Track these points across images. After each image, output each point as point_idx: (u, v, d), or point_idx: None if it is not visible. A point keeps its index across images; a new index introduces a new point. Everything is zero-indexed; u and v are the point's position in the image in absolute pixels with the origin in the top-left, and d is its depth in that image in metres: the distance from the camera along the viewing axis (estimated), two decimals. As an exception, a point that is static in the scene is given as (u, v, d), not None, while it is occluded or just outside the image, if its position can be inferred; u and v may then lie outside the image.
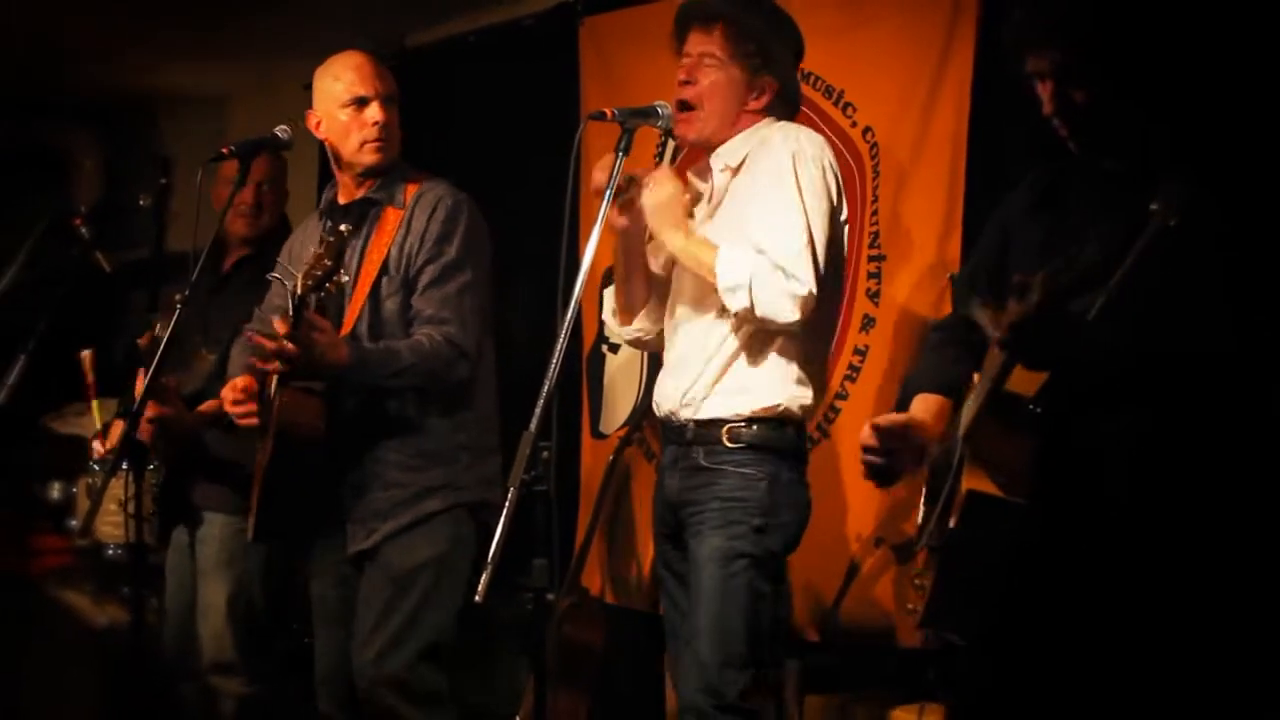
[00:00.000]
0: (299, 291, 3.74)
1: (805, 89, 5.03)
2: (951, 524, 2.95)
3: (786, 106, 3.96)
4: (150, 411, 4.54)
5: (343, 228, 3.85)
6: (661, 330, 4.06)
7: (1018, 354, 2.80)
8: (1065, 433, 2.84)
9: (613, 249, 4.07)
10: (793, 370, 3.81)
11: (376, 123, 4.13)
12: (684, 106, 3.84)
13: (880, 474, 3.22)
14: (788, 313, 3.63)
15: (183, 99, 8.57)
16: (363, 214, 4.18)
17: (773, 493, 3.77)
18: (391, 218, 4.14)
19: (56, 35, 7.27)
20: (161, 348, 4.05)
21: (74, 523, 5.90)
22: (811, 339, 3.84)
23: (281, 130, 4.29)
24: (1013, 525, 2.84)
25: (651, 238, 3.96)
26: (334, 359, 3.84)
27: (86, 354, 5.98)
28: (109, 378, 5.91)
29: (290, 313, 3.78)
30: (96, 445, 5.75)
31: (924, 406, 3.25)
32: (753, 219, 3.73)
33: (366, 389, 4.01)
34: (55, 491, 6.24)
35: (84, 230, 5.29)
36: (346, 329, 4.04)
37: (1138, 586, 2.85)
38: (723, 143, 3.90)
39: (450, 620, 4.13)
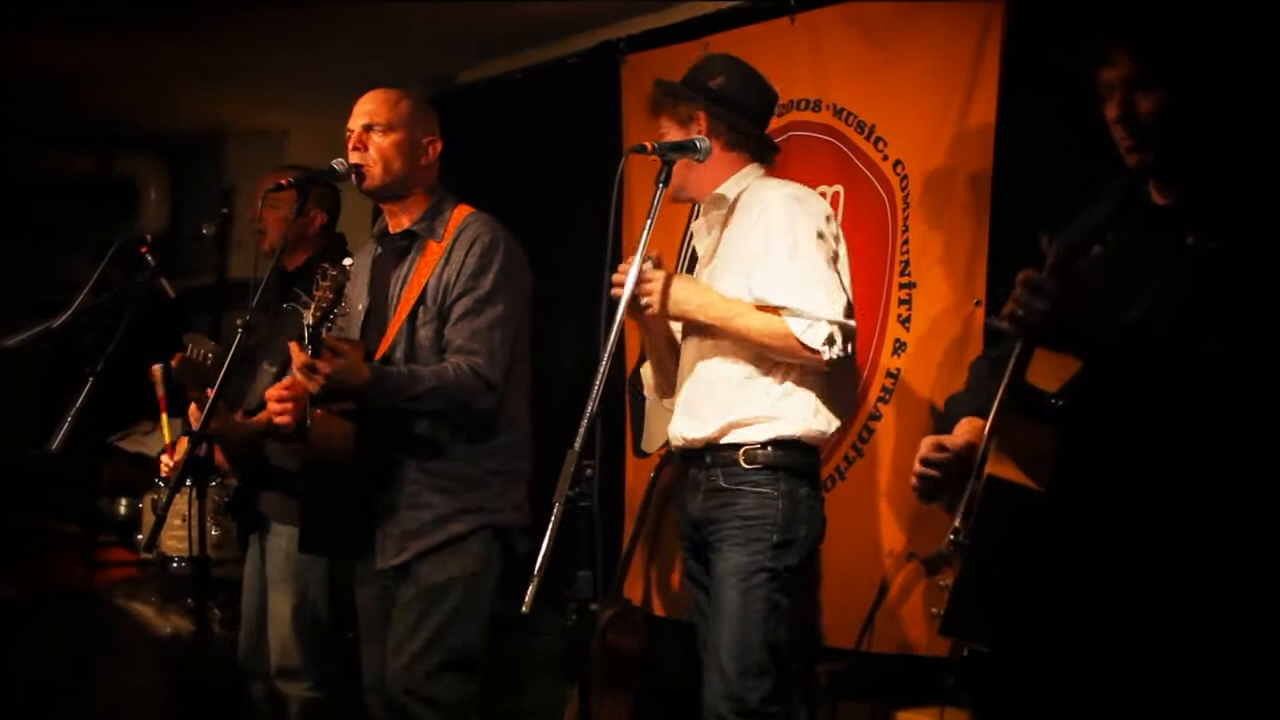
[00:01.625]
0: (310, 322, 3.88)
1: (838, 124, 5.22)
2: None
3: (757, 146, 4.14)
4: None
5: (346, 262, 3.97)
6: None
7: (1033, 326, 2.83)
8: (1086, 427, 2.88)
9: (641, 340, 4.21)
10: (810, 401, 3.96)
11: (354, 148, 4.23)
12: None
13: (930, 489, 3.22)
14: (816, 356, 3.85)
15: (245, 132, 8.68)
16: (408, 244, 4.28)
17: (789, 509, 3.92)
18: (433, 250, 4.21)
19: (128, 71, 7.41)
20: (225, 368, 4.11)
21: (140, 537, 5.99)
22: (834, 372, 4.00)
23: (338, 163, 4.31)
24: (1033, 515, 2.87)
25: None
26: (355, 380, 3.94)
27: (157, 369, 6.03)
28: (176, 396, 6.07)
29: (305, 341, 3.90)
30: (165, 459, 5.87)
31: (968, 429, 3.26)
32: (755, 277, 3.90)
33: (395, 411, 4.09)
34: (122, 507, 6.27)
35: (150, 257, 5.33)
36: (381, 353, 4.14)
37: (1155, 584, 2.87)
38: (715, 188, 4.09)
39: (478, 635, 4.20)
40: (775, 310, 3.87)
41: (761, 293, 3.89)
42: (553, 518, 3.26)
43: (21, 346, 5.35)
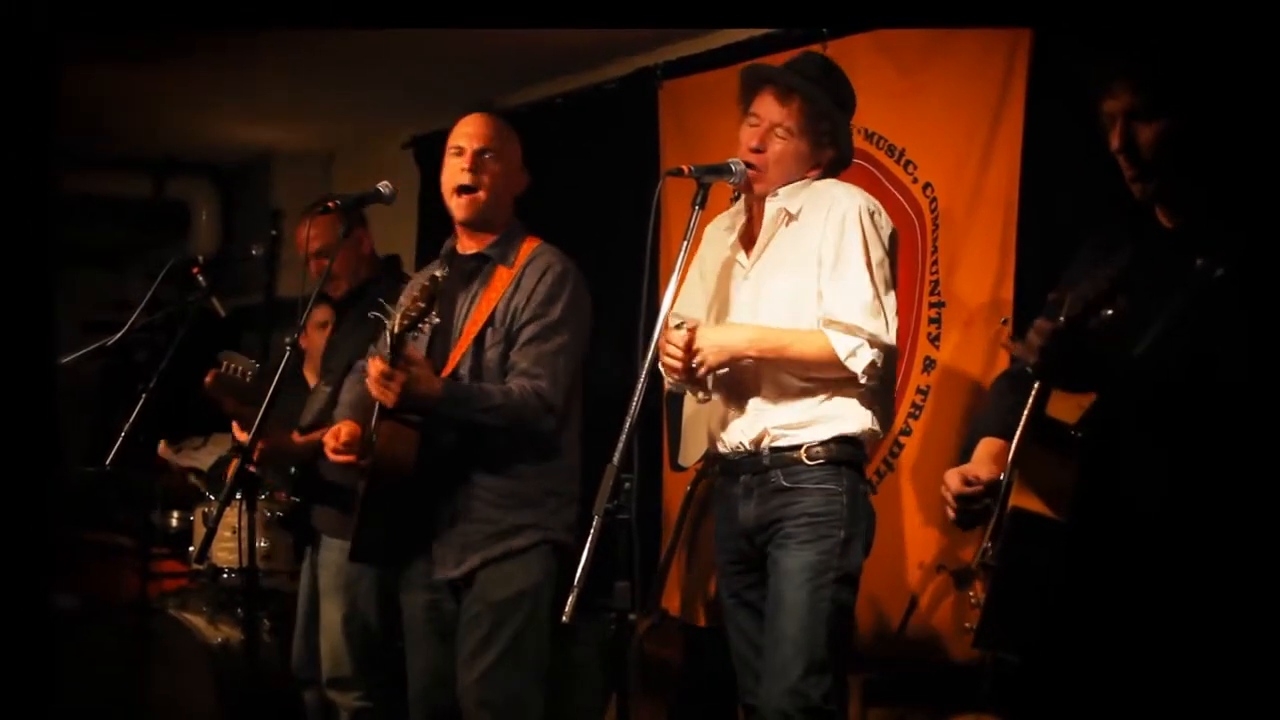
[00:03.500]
0: (395, 330, 3.87)
1: (869, 148, 5.28)
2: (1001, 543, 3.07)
3: (837, 167, 4.07)
4: (257, 451, 4.64)
5: (438, 274, 3.96)
6: None
7: (1048, 372, 2.91)
8: (1106, 457, 2.93)
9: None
10: (863, 403, 3.92)
11: (463, 169, 4.19)
12: (749, 165, 3.92)
13: (967, 519, 3.27)
14: (875, 376, 3.84)
15: (293, 156, 8.79)
16: (478, 267, 4.27)
17: (852, 505, 3.88)
18: (502, 275, 4.21)
19: (180, 98, 7.55)
20: (274, 385, 4.16)
21: (191, 549, 6.07)
22: (881, 385, 3.98)
23: (384, 186, 4.34)
24: (1057, 543, 2.93)
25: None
26: (428, 390, 3.95)
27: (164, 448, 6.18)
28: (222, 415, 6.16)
29: (388, 350, 3.90)
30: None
31: (989, 450, 3.31)
32: (840, 302, 3.84)
33: (461, 426, 4.10)
34: (174, 520, 6.33)
35: (201, 277, 5.44)
36: (447, 371, 4.14)
37: (1175, 607, 2.91)
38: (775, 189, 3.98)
39: (546, 646, 4.21)
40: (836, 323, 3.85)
41: (830, 307, 3.85)
42: (592, 530, 3.29)
43: (77, 364, 5.39)
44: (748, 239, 4.09)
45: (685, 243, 3.73)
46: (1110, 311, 2.75)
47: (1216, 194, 3.07)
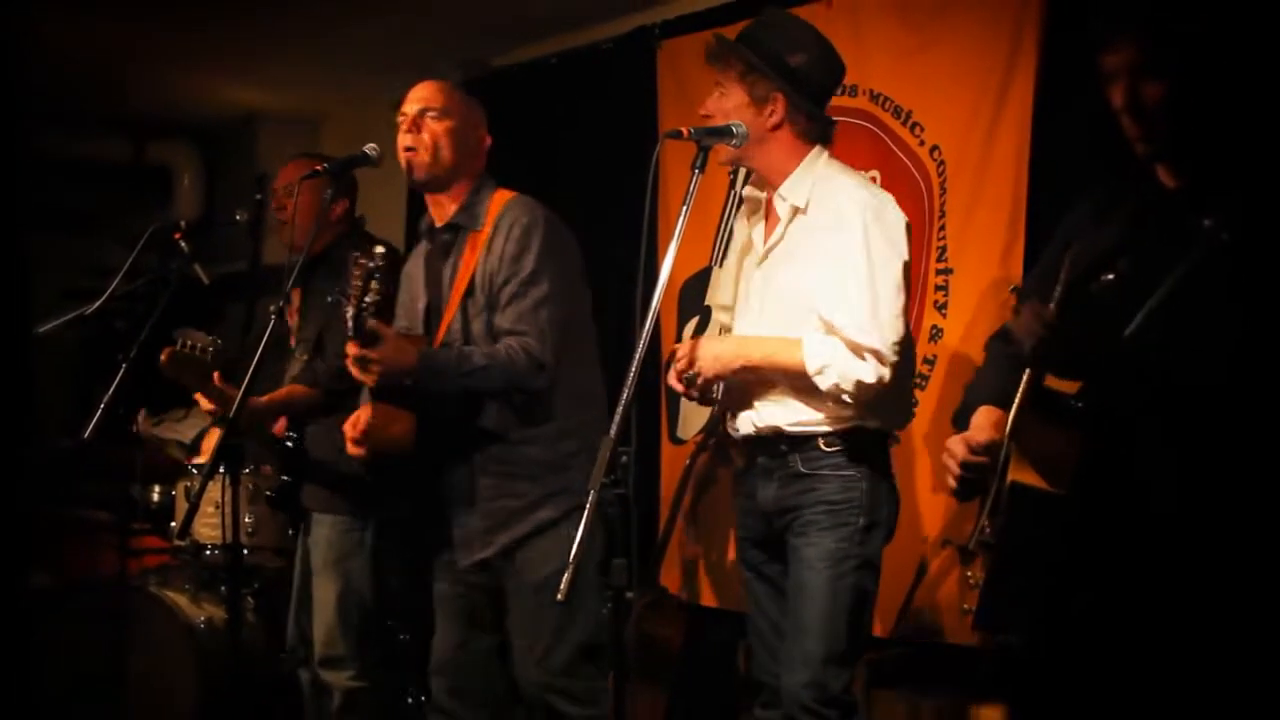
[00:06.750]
0: (351, 313, 3.88)
1: (875, 110, 5.21)
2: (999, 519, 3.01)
3: (819, 125, 3.95)
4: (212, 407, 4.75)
5: (378, 249, 3.87)
6: None
7: (1041, 360, 2.87)
8: (1108, 427, 2.87)
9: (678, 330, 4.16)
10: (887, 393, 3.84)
11: (408, 132, 4.25)
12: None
13: (968, 490, 3.23)
14: (866, 392, 3.72)
15: (278, 119, 8.73)
16: (452, 238, 4.30)
17: (872, 491, 3.84)
18: (475, 240, 4.24)
19: (162, 59, 7.47)
20: (258, 355, 4.10)
21: (173, 525, 5.93)
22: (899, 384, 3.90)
23: (370, 148, 4.33)
24: (1058, 517, 2.89)
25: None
26: (405, 364, 3.97)
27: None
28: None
29: (351, 333, 3.90)
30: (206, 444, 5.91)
31: (986, 418, 3.25)
32: (822, 292, 3.78)
33: (452, 397, 4.09)
34: (155, 495, 6.29)
35: (184, 243, 5.37)
36: (436, 345, 4.17)
37: (1179, 582, 2.86)
38: (783, 180, 3.95)
39: (597, 618, 4.18)
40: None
41: (826, 312, 3.79)
42: (588, 505, 3.25)
43: (55, 333, 5.33)
44: (764, 229, 4.06)
45: (685, 207, 3.62)
46: (1111, 275, 2.73)
47: (1222, 154, 2.99)
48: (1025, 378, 2.95)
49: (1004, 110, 4.86)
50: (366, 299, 3.88)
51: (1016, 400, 2.97)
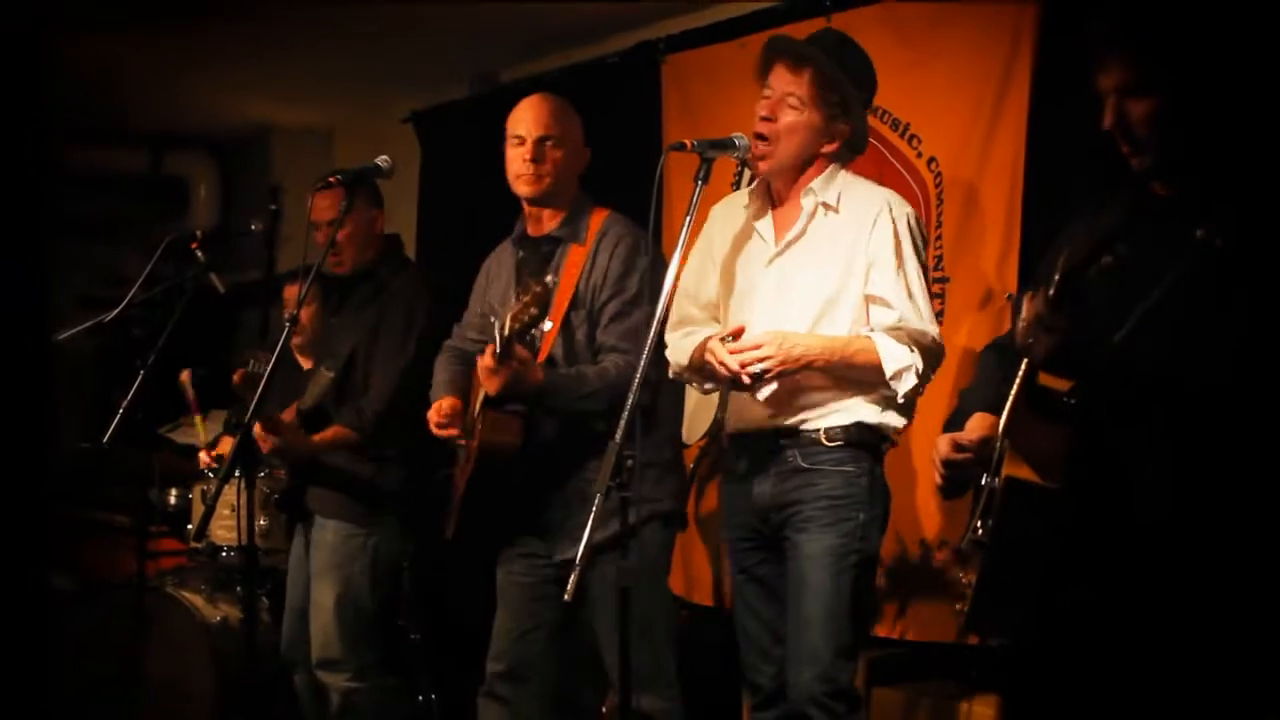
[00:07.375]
0: (506, 332, 3.92)
1: (874, 121, 5.18)
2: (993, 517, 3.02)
3: (851, 152, 4.02)
4: (267, 445, 4.78)
5: (549, 279, 4.01)
6: None
7: (1033, 354, 2.88)
8: (1101, 423, 2.90)
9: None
10: (879, 404, 3.89)
11: (525, 159, 4.32)
12: (760, 138, 3.87)
13: (954, 486, 3.26)
14: (924, 385, 3.84)
15: (292, 131, 8.80)
16: (551, 250, 4.39)
17: (871, 487, 3.87)
18: (577, 254, 4.32)
19: (178, 71, 7.54)
20: (271, 363, 4.18)
21: (189, 527, 6.10)
22: None
23: (382, 160, 4.40)
24: (1052, 511, 2.90)
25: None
26: (532, 381, 4.07)
27: (185, 375, 6.16)
28: (219, 392, 6.11)
29: (497, 347, 3.95)
30: (203, 456, 6.02)
31: (981, 423, 3.24)
32: (881, 286, 3.82)
33: (560, 412, 4.21)
34: (172, 498, 6.38)
35: (200, 253, 5.46)
36: (542, 357, 4.24)
37: (1170, 577, 2.87)
38: (808, 180, 3.94)
39: (674, 615, 4.31)
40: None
41: (901, 313, 3.82)
42: (594, 508, 3.31)
43: (73, 341, 5.38)
44: (774, 223, 4.04)
45: (688, 219, 3.70)
46: (1109, 258, 2.73)
47: (1213, 166, 3.04)
48: (1021, 372, 2.97)
49: (999, 122, 4.90)
50: (533, 328, 4.02)
51: (1012, 393, 3.00)
